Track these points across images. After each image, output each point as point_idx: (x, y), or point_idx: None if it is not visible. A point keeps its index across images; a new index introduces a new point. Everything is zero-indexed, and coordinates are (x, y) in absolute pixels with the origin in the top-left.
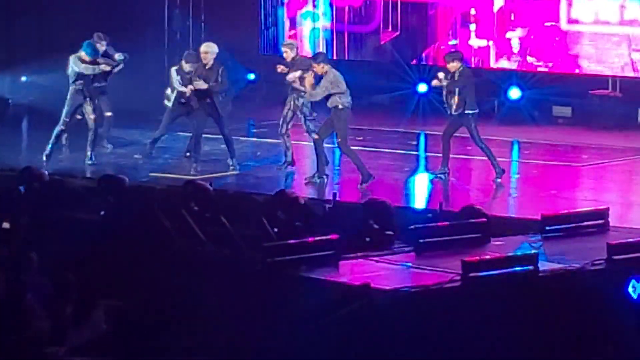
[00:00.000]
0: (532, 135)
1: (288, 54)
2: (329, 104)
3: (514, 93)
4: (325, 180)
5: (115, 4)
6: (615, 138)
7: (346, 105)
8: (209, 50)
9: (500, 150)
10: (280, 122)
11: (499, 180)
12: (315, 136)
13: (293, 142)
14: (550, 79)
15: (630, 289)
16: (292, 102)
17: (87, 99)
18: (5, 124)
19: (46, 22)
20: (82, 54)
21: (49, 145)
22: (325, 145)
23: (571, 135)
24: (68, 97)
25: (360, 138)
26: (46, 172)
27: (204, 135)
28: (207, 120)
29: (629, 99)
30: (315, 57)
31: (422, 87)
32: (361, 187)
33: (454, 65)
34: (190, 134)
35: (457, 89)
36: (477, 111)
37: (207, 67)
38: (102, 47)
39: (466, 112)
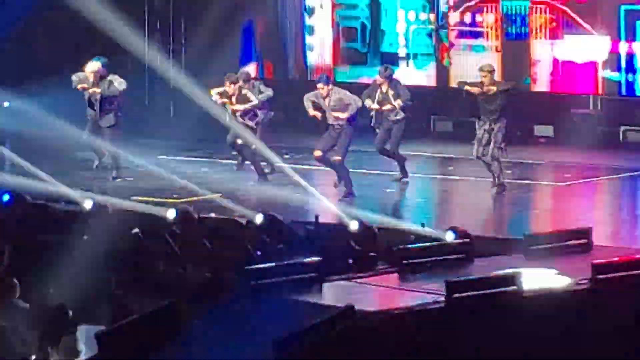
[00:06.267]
0: (515, 154)
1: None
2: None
3: None
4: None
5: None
6: (597, 157)
7: None
8: None
9: (483, 170)
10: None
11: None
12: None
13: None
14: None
15: None
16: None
17: None
18: None
19: (28, 48)
20: None
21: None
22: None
23: (553, 154)
24: None
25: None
26: (29, 198)
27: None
28: None
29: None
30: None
31: None
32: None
33: None
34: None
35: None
36: None
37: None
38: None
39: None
